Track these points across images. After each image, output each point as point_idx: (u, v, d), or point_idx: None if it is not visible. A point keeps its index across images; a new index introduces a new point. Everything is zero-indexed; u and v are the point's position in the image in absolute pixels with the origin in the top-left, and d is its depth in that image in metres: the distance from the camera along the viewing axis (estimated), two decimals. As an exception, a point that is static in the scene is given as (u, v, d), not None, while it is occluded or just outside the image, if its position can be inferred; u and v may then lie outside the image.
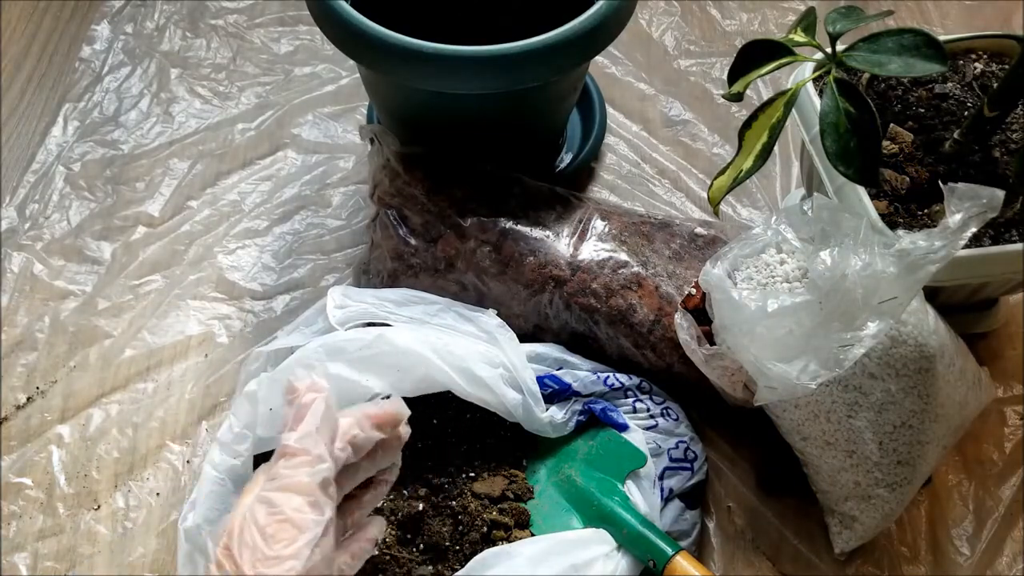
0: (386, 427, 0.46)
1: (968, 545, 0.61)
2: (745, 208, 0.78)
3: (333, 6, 0.61)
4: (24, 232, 0.76)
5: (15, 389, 0.68)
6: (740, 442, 0.65)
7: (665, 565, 0.53)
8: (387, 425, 0.46)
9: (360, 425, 0.44)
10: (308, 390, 0.43)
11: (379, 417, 0.45)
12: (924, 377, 0.54)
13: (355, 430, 0.44)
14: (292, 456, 0.41)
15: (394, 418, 0.46)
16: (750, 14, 0.92)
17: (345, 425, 0.44)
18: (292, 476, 0.40)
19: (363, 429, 0.44)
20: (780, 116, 0.53)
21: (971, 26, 0.88)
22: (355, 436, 0.44)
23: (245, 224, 0.77)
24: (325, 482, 0.41)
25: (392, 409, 0.46)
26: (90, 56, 0.88)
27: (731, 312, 0.53)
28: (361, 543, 0.47)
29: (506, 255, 0.64)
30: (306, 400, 0.42)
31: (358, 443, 0.44)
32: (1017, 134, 0.60)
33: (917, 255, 0.49)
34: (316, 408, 0.42)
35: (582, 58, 0.63)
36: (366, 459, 0.46)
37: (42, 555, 0.61)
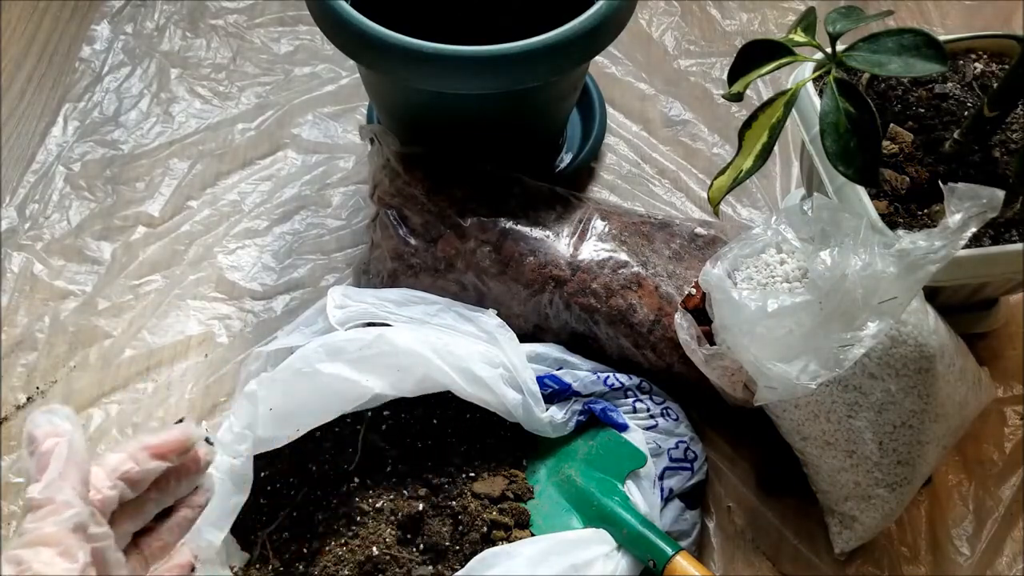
0: (171, 455, 0.44)
1: (968, 545, 0.61)
2: (745, 208, 0.78)
3: (333, 6, 0.61)
4: (24, 232, 0.76)
5: (15, 389, 0.68)
6: (740, 442, 0.65)
7: (665, 565, 0.53)
8: (171, 453, 0.45)
9: (134, 458, 0.43)
10: (47, 436, 0.41)
11: (158, 447, 0.44)
12: (924, 377, 0.54)
13: (127, 465, 0.43)
14: (38, 508, 0.39)
15: (179, 444, 0.45)
16: (750, 14, 0.92)
17: (114, 461, 0.43)
18: (39, 528, 0.38)
19: (138, 462, 0.43)
20: (780, 116, 0.53)
21: (971, 26, 0.88)
22: (128, 471, 0.43)
23: (245, 224, 0.77)
24: (77, 527, 0.39)
25: (175, 436, 0.45)
26: (90, 56, 0.88)
27: (731, 312, 0.53)
28: (173, 572, 0.47)
29: (506, 255, 0.64)
30: (46, 447, 0.40)
31: (134, 477, 0.43)
32: (1017, 134, 0.60)
33: (917, 255, 0.49)
34: (58, 453, 0.40)
35: (582, 58, 0.63)
36: (155, 491, 0.45)
37: (42, 555, 0.60)
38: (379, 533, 0.56)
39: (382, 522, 0.57)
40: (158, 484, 0.45)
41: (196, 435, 0.46)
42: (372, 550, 0.55)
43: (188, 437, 0.45)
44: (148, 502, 0.45)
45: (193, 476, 0.47)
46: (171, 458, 0.44)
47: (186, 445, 0.45)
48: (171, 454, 0.44)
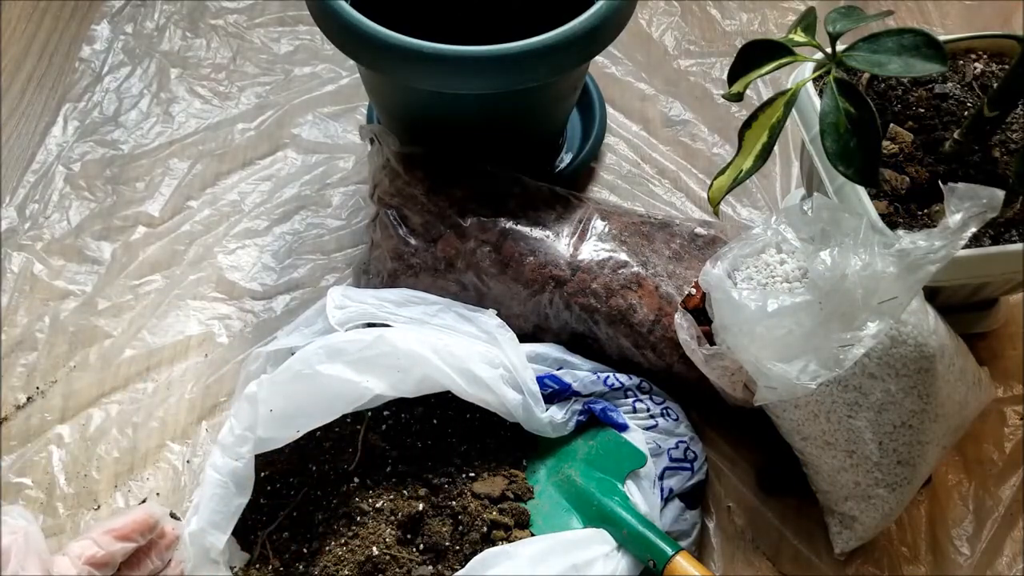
0: (135, 535, 0.47)
1: (968, 545, 0.61)
2: (745, 208, 0.78)
3: (333, 6, 0.61)
4: (24, 232, 0.76)
5: (15, 389, 0.68)
6: (740, 442, 0.65)
7: (665, 565, 0.53)
8: (135, 533, 0.47)
9: (98, 543, 0.45)
10: (4, 535, 0.43)
11: (120, 530, 0.46)
12: (924, 377, 0.54)
13: (92, 550, 0.45)
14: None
15: (142, 525, 0.47)
16: (750, 14, 0.92)
17: (78, 549, 0.45)
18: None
19: (102, 546, 0.45)
20: (780, 116, 0.53)
21: (971, 26, 0.88)
22: (94, 555, 0.45)
23: (245, 224, 0.77)
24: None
25: (137, 517, 0.47)
26: (90, 56, 0.88)
27: (731, 312, 0.53)
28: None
29: (506, 255, 0.64)
30: (5, 544, 0.42)
31: (100, 560, 0.45)
32: (1017, 134, 0.60)
33: (917, 255, 0.49)
34: (17, 548, 0.42)
35: (582, 58, 0.63)
36: (125, 569, 0.47)
37: (42, 555, 0.61)
38: (379, 533, 0.56)
39: (382, 522, 0.57)
40: (129, 564, 0.47)
41: (158, 513, 0.49)
42: (372, 550, 0.55)
43: (150, 516, 0.48)
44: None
45: (163, 551, 0.49)
46: (136, 538, 0.47)
47: (149, 523, 0.48)
48: (135, 534, 0.47)
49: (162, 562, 0.49)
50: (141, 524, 0.47)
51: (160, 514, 0.49)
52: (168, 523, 0.50)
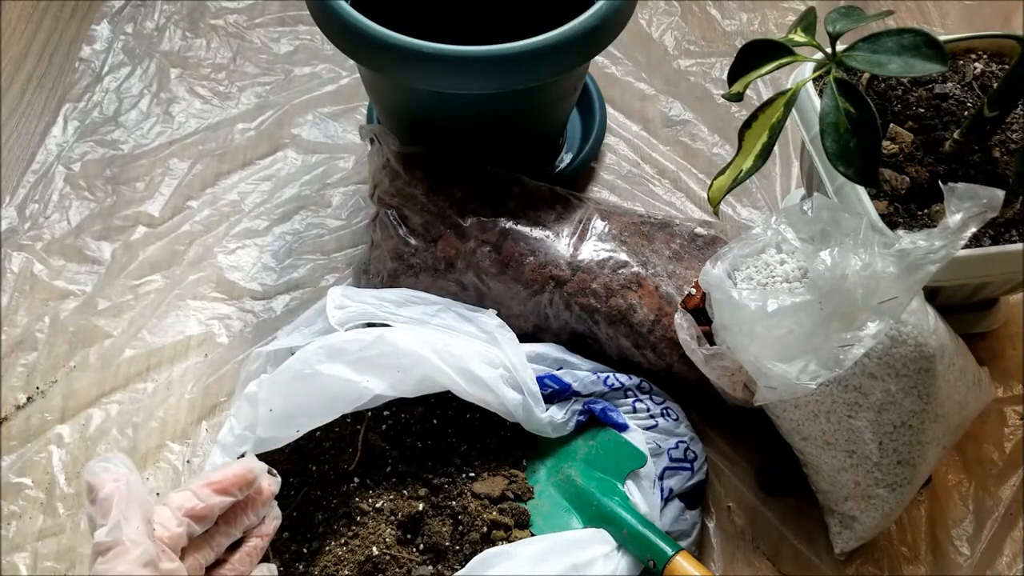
0: (234, 489, 0.47)
1: (968, 545, 0.61)
2: (745, 208, 0.78)
3: (333, 6, 0.61)
4: (24, 232, 0.76)
5: (15, 389, 0.68)
6: (740, 442, 0.65)
7: (665, 565, 0.53)
8: (234, 487, 0.47)
9: (198, 495, 0.45)
10: (106, 482, 0.43)
11: (220, 483, 0.46)
12: (924, 377, 0.54)
13: (192, 502, 0.45)
14: (106, 551, 0.41)
15: (241, 480, 0.47)
16: (750, 14, 0.92)
17: (179, 499, 0.45)
18: (110, 570, 0.40)
19: (202, 499, 0.45)
20: (780, 116, 0.53)
21: (971, 26, 0.88)
22: (193, 508, 0.45)
23: (245, 224, 0.77)
24: (147, 564, 0.41)
25: (237, 471, 0.47)
26: (90, 56, 0.88)
27: (731, 312, 0.53)
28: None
29: (506, 255, 0.64)
30: (106, 492, 0.42)
31: (199, 513, 0.45)
32: (1017, 134, 0.60)
33: (917, 255, 0.49)
34: (119, 497, 0.42)
35: (582, 58, 0.63)
36: (223, 524, 0.47)
37: (42, 555, 0.61)
38: (379, 533, 0.56)
39: (382, 522, 0.57)
40: (226, 518, 0.47)
41: (258, 468, 0.48)
42: (372, 550, 0.55)
43: (250, 471, 0.47)
44: (217, 535, 0.47)
45: (259, 507, 0.49)
46: (235, 492, 0.47)
47: (248, 479, 0.47)
48: (234, 488, 0.46)
49: (258, 518, 0.49)
50: (240, 479, 0.47)
51: (259, 470, 0.48)
52: (265, 479, 0.49)
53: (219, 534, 0.47)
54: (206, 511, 0.45)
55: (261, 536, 0.50)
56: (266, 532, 0.50)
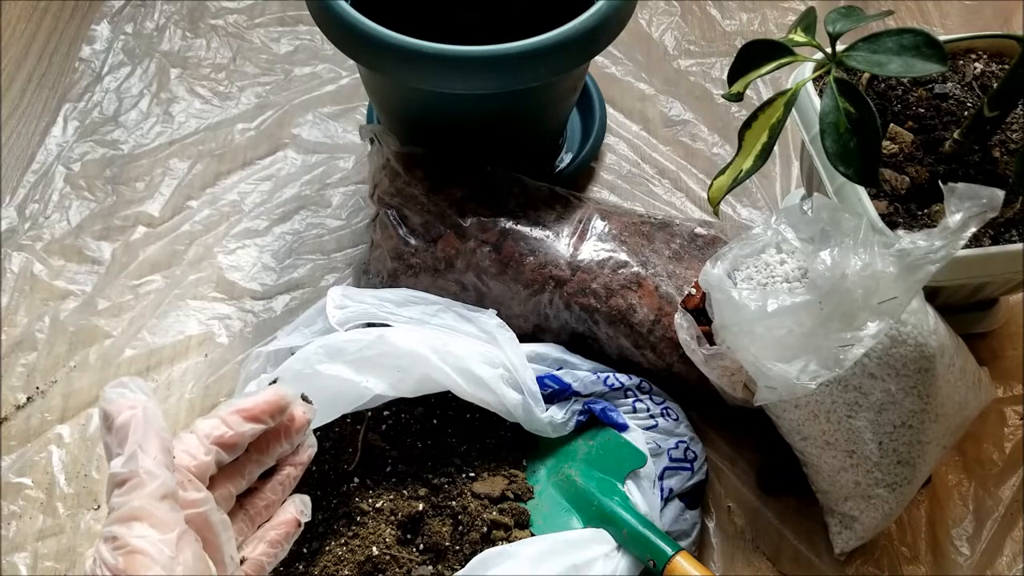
0: (265, 417, 0.44)
1: (968, 545, 0.61)
2: (745, 208, 0.78)
3: (333, 6, 0.61)
4: (24, 232, 0.76)
5: (15, 389, 0.68)
6: (740, 442, 0.65)
7: (665, 565, 0.53)
8: (265, 415, 0.44)
9: (227, 423, 0.43)
10: (122, 409, 0.40)
11: (251, 410, 0.44)
12: (924, 377, 0.54)
13: (220, 429, 0.43)
14: (122, 483, 0.39)
15: (272, 407, 0.44)
16: (750, 14, 0.92)
17: (207, 427, 0.43)
18: (127, 503, 0.38)
19: (231, 426, 0.43)
20: (780, 116, 0.53)
21: (971, 26, 0.89)
22: (222, 436, 0.43)
23: (245, 224, 0.77)
24: (165, 496, 0.38)
25: (268, 398, 0.44)
26: (90, 56, 0.88)
27: (731, 312, 0.53)
28: (279, 529, 0.47)
29: (506, 255, 0.64)
30: (122, 420, 0.40)
31: (228, 442, 0.43)
32: (1017, 134, 0.60)
33: (917, 255, 0.49)
34: (135, 425, 0.39)
35: (582, 58, 0.63)
36: (254, 452, 0.45)
37: (42, 555, 0.61)
38: (379, 533, 0.56)
39: (382, 522, 0.57)
40: (257, 446, 0.45)
41: (290, 396, 0.45)
42: (372, 550, 0.55)
43: (281, 398, 0.45)
44: (248, 464, 0.45)
45: (293, 435, 0.46)
46: (266, 420, 0.44)
47: (280, 406, 0.45)
48: (265, 416, 0.44)
49: (291, 447, 0.47)
50: (272, 405, 0.44)
51: (292, 396, 0.46)
52: (299, 406, 0.47)
53: (250, 462, 0.45)
54: (235, 439, 0.43)
55: (295, 465, 0.48)
56: (300, 461, 0.48)
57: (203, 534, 0.41)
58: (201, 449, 0.42)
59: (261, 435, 0.45)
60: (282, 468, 0.48)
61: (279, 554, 0.46)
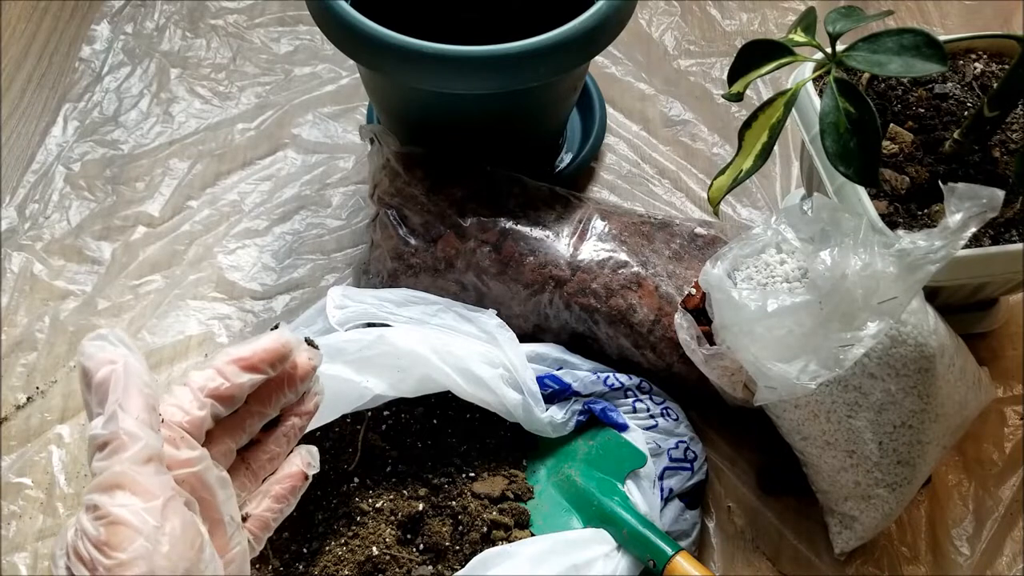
0: (264, 366, 0.40)
1: (968, 545, 0.61)
2: (745, 208, 0.78)
3: (333, 6, 0.61)
4: (24, 232, 0.76)
5: (15, 389, 0.68)
6: (740, 442, 0.65)
7: (665, 565, 0.53)
8: (264, 364, 0.40)
9: (223, 373, 0.39)
10: (101, 364, 0.36)
11: (249, 359, 0.40)
12: (924, 377, 0.54)
13: (216, 381, 0.39)
14: (103, 446, 0.35)
15: (273, 354, 0.41)
16: (750, 14, 0.92)
17: (201, 379, 0.39)
18: (107, 468, 0.35)
19: (228, 377, 0.39)
20: (780, 116, 0.53)
21: (971, 26, 0.88)
22: (218, 388, 0.39)
23: (245, 224, 0.77)
24: (149, 459, 0.35)
25: (268, 345, 0.40)
26: (90, 56, 0.88)
27: (731, 312, 0.53)
28: (284, 484, 0.44)
29: (506, 255, 0.64)
30: (101, 376, 0.36)
31: (224, 394, 0.39)
32: (1017, 134, 0.60)
33: (917, 255, 0.49)
34: (115, 382, 0.36)
35: (582, 58, 0.63)
36: (255, 404, 0.42)
37: (42, 555, 0.61)
38: (379, 533, 0.56)
39: (382, 522, 0.57)
40: (258, 396, 0.41)
41: (292, 341, 0.42)
42: (372, 550, 0.55)
43: (283, 344, 0.41)
44: (249, 416, 0.42)
45: (297, 384, 0.43)
46: (266, 369, 0.41)
47: (281, 353, 0.41)
48: (264, 365, 0.40)
49: (296, 396, 0.43)
50: (272, 353, 0.40)
51: (294, 342, 0.42)
52: (303, 352, 0.43)
53: (251, 414, 0.42)
54: (233, 390, 0.39)
55: (300, 415, 0.44)
56: (306, 410, 0.44)
57: (199, 495, 0.38)
58: (195, 403, 0.39)
59: (262, 385, 0.41)
60: (287, 419, 0.44)
61: (285, 509, 0.44)
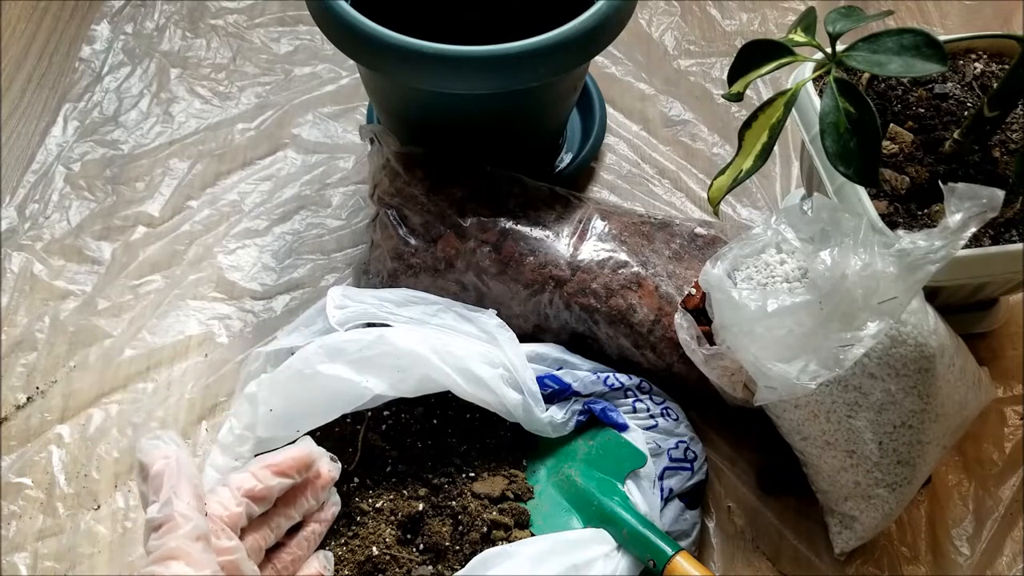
0: (292, 472, 0.47)
1: (968, 545, 0.61)
2: (745, 208, 0.78)
3: (333, 6, 0.61)
4: (24, 232, 0.76)
5: (15, 389, 0.68)
6: (740, 442, 0.65)
7: (665, 565, 0.53)
8: (292, 470, 0.47)
9: (257, 477, 0.46)
10: (157, 460, 0.43)
11: (279, 466, 0.47)
12: (924, 377, 0.54)
13: (251, 483, 0.46)
14: (158, 527, 0.41)
15: (300, 462, 0.48)
16: (750, 14, 0.92)
17: (238, 480, 0.46)
18: (164, 544, 0.41)
19: (261, 480, 0.46)
20: (780, 116, 0.53)
21: (971, 26, 0.88)
22: (252, 489, 0.46)
23: (245, 224, 0.77)
24: (199, 538, 0.41)
25: (295, 454, 0.48)
26: (90, 56, 0.88)
27: (731, 312, 0.53)
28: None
29: (506, 255, 0.64)
30: (157, 469, 0.43)
31: (258, 494, 0.46)
32: (1017, 134, 0.60)
33: (917, 255, 0.49)
34: (169, 473, 0.43)
35: (582, 58, 0.63)
36: (282, 506, 0.48)
37: (42, 555, 0.61)
38: (379, 533, 0.56)
39: (382, 522, 0.57)
40: (285, 500, 0.48)
41: (316, 452, 0.49)
42: (372, 550, 0.55)
43: (308, 454, 0.48)
44: (277, 517, 0.48)
45: (319, 491, 0.50)
46: (293, 474, 0.47)
47: (306, 462, 0.48)
48: (292, 471, 0.47)
49: (317, 502, 0.50)
50: (299, 461, 0.48)
51: (318, 453, 0.49)
52: (325, 464, 0.50)
53: (278, 516, 0.48)
54: (265, 492, 0.46)
55: (320, 522, 0.51)
56: (325, 518, 0.51)
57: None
58: (233, 501, 0.45)
59: (289, 490, 0.48)
60: (308, 524, 0.50)
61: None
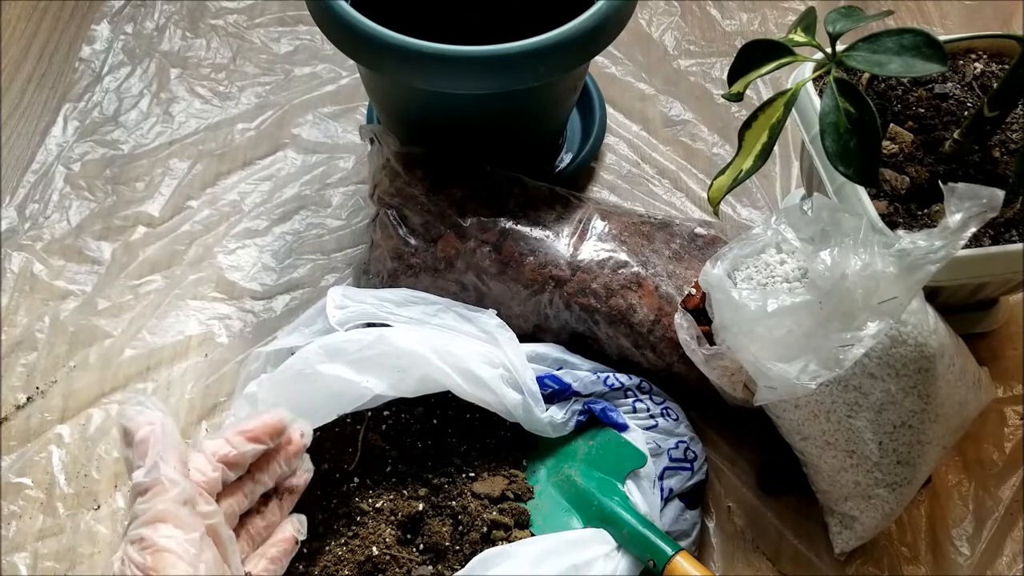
0: (265, 437, 0.48)
1: (968, 545, 0.61)
2: (745, 208, 0.78)
3: (333, 6, 0.61)
4: (24, 232, 0.76)
5: (15, 389, 0.68)
6: (740, 442, 0.65)
7: (665, 565, 0.53)
8: (266, 436, 0.48)
9: (231, 442, 0.47)
10: (141, 425, 0.44)
11: (252, 431, 0.47)
12: (924, 377, 0.54)
13: (225, 448, 0.46)
14: (144, 491, 0.42)
15: (272, 428, 0.48)
16: (750, 14, 0.92)
17: (213, 446, 0.46)
18: (151, 508, 0.42)
19: (235, 446, 0.47)
20: (780, 116, 0.53)
21: (971, 26, 0.88)
22: (227, 454, 0.46)
23: (245, 224, 0.77)
24: (186, 501, 0.42)
25: (268, 420, 0.48)
26: (90, 56, 0.88)
27: (731, 312, 0.53)
28: (278, 547, 0.50)
29: (506, 255, 0.64)
30: (142, 435, 0.43)
31: (232, 460, 0.46)
32: (1017, 134, 0.60)
33: (917, 255, 0.49)
34: (155, 439, 0.43)
35: (582, 58, 0.63)
36: (255, 472, 0.49)
37: (42, 555, 0.61)
38: (379, 533, 0.56)
39: (382, 522, 0.57)
40: (258, 466, 0.49)
41: (288, 418, 0.49)
42: (372, 550, 0.55)
43: (279, 420, 0.49)
44: (250, 483, 0.49)
45: (291, 457, 0.50)
46: (266, 440, 0.48)
47: (278, 428, 0.49)
48: (265, 437, 0.48)
49: (289, 468, 0.51)
50: (271, 427, 0.48)
51: (289, 419, 0.50)
52: (296, 430, 0.50)
53: (251, 482, 0.49)
54: (239, 458, 0.46)
55: (292, 488, 0.51)
56: (297, 484, 0.52)
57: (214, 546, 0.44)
58: (209, 466, 0.45)
59: (261, 456, 0.48)
60: (280, 491, 0.51)
61: (278, 570, 0.50)
